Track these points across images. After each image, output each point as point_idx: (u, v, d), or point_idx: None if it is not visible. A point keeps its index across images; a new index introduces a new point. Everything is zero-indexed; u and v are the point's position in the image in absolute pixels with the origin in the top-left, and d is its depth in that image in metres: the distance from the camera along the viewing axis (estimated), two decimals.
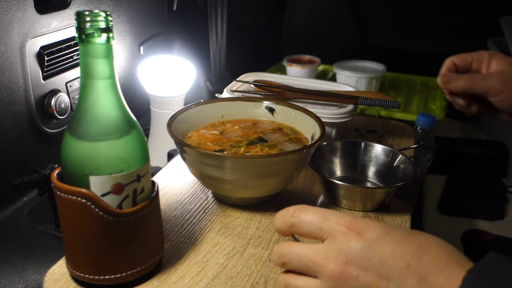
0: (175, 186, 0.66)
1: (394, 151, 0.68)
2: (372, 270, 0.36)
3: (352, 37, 1.70)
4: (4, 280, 0.61)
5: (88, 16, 0.40)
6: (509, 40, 1.18)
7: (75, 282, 0.47)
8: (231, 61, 1.29)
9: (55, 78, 0.78)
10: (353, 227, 0.38)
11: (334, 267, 0.37)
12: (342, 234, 0.38)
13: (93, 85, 0.42)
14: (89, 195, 0.42)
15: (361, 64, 1.32)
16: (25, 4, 0.69)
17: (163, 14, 1.09)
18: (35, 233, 0.68)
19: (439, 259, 0.35)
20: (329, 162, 0.70)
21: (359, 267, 0.36)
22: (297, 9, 1.73)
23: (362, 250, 0.37)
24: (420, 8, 1.60)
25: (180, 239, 0.55)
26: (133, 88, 0.99)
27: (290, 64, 1.34)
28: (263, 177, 0.56)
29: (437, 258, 0.35)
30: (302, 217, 0.40)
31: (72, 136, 0.42)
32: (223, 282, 0.48)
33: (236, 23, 1.34)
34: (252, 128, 0.68)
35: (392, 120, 0.95)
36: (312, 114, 0.65)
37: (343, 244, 0.37)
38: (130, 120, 0.44)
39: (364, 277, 0.36)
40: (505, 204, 1.19)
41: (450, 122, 1.60)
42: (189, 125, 0.66)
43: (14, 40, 0.68)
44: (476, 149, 1.39)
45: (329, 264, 0.37)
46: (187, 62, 0.90)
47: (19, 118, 0.71)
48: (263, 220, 0.59)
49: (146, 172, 0.45)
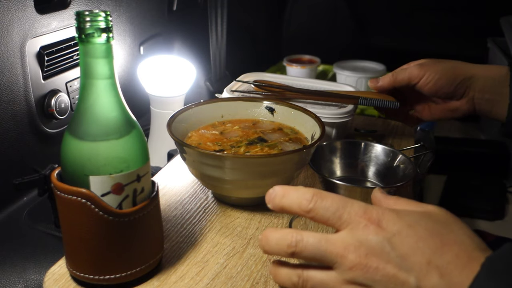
0: (175, 186, 0.66)
1: (394, 151, 0.68)
2: (392, 263, 0.35)
3: (352, 37, 1.69)
4: (4, 280, 0.61)
5: (88, 16, 0.40)
6: (509, 40, 1.18)
7: (75, 282, 0.47)
8: (231, 61, 1.29)
9: (55, 78, 0.78)
10: (374, 219, 0.37)
11: (355, 258, 0.36)
12: (362, 226, 0.36)
13: (93, 85, 0.42)
14: (89, 195, 0.42)
15: (361, 64, 1.32)
16: (25, 4, 0.69)
17: (163, 14, 1.09)
18: (35, 233, 0.68)
19: (461, 255, 0.35)
20: (329, 162, 0.70)
21: (380, 259, 0.35)
22: (297, 9, 1.73)
23: (382, 243, 0.36)
24: (420, 8, 1.60)
25: (180, 239, 0.55)
26: (133, 88, 0.99)
27: (290, 64, 1.34)
28: (263, 177, 0.56)
29: (459, 254, 0.35)
30: (320, 203, 0.38)
31: (72, 136, 0.42)
32: (223, 282, 0.48)
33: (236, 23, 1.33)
34: (252, 128, 0.68)
35: (392, 120, 0.95)
36: (312, 114, 0.65)
37: (363, 236, 0.36)
38: (130, 120, 0.44)
39: (383, 270, 0.35)
40: (505, 204, 1.19)
41: (450, 122, 1.60)
42: (189, 125, 0.66)
43: (14, 40, 0.68)
44: (476, 149, 1.39)
45: (348, 255, 0.36)
46: (187, 62, 0.90)
47: (19, 118, 0.71)
48: (263, 220, 0.59)
49: (146, 172, 0.45)
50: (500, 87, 0.71)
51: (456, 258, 0.35)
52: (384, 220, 0.37)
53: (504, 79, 0.71)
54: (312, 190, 0.39)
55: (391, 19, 1.65)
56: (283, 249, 0.38)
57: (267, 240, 0.39)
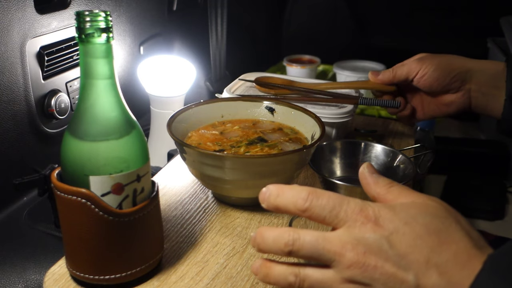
0: (175, 186, 0.66)
1: (394, 151, 0.68)
2: (390, 261, 0.35)
3: (352, 37, 1.69)
4: (4, 280, 0.61)
5: (88, 16, 0.40)
6: (509, 40, 1.18)
7: (75, 282, 0.47)
8: (231, 61, 1.29)
9: (55, 78, 0.78)
10: (370, 216, 0.36)
11: (352, 256, 0.35)
12: (359, 224, 0.36)
13: (93, 85, 0.42)
14: (89, 195, 0.42)
15: (361, 64, 1.32)
16: (25, 4, 0.69)
17: (163, 14, 1.09)
18: (35, 233, 0.68)
19: (459, 254, 0.35)
20: (329, 162, 0.70)
21: (378, 257, 0.35)
22: (297, 9, 1.73)
23: (380, 241, 0.35)
24: (420, 8, 1.60)
25: (180, 239, 0.55)
26: (133, 88, 0.99)
27: (290, 64, 1.34)
28: (263, 177, 0.56)
29: (458, 253, 0.35)
30: (316, 202, 0.37)
31: (72, 136, 0.42)
32: (223, 282, 0.48)
33: (236, 23, 1.33)
34: (252, 128, 0.68)
35: (392, 120, 0.95)
36: (312, 114, 0.65)
37: (360, 234, 0.36)
38: (130, 120, 0.44)
39: (382, 268, 0.35)
40: (505, 204, 1.19)
41: (450, 122, 1.60)
42: (189, 125, 0.66)
43: (14, 40, 0.68)
44: (476, 149, 1.39)
45: (346, 253, 0.35)
46: (187, 62, 0.90)
47: (19, 118, 0.71)
48: (263, 220, 0.59)
49: (146, 172, 0.45)
50: (496, 82, 0.71)
51: (455, 256, 0.35)
52: (380, 218, 0.36)
53: (501, 74, 0.71)
54: (307, 188, 0.38)
55: (391, 19, 1.65)
56: (280, 247, 0.37)
57: (262, 239, 0.38)
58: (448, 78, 0.72)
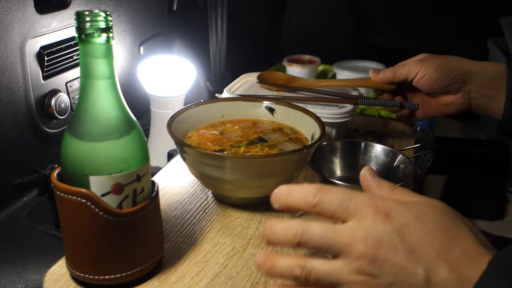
0: (175, 186, 0.66)
1: (394, 151, 0.68)
2: (400, 254, 0.35)
3: (352, 37, 1.69)
4: (4, 280, 0.61)
5: (88, 16, 0.40)
6: (509, 40, 1.18)
7: (75, 282, 0.47)
8: (231, 61, 1.29)
9: (55, 78, 0.78)
10: (381, 209, 0.36)
11: (362, 247, 0.35)
12: (369, 215, 0.36)
13: (93, 85, 0.42)
14: (89, 195, 0.42)
15: (361, 64, 1.32)
16: (25, 4, 0.69)
17: (163, 14, 1.09)
18: (35, 233, 0.68)
19: (469, 251, 0.35)
20: (329, 162, 0.70)
21: (388, 250, 0.35)
22: (297, 9, 1.73)
23: (390, 234, 0.35)
24: (420, 8, 1.60)
25: (180, 239, 0.55)
26: (133, 88, 0.99)
27: (290, 64, 1.34)
28: (263, 177, 0.56)
29: (468, 250, 0.35)
30: (325, 197, 0.37)
31: (72, 136, 0.42)
32: (223, 282, 0.48)
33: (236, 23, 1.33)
34: (252, 128, 0.68)
35: (392, 120, 0.95)
36: (312, 114, 0.65)
37: (370, 225, 0.35)
38: (130, 120, 0.44)
39: (392, 260, 0.35)
40: (505, 204, 1.19)
41: (450, 122, 1.59)
42: (189, 125, 0.66)
43: (14, 40, 0.68)
44: (476, 149, 1.39)
45: (356, 244, 0.35)
46: (187, 62, 0.90)
47: (19, 118, 0.71)
48: (263, 220, 0.59)
49: (146, 172, 0.45)
50: (497, 83, 0.71)
51: (465, 253, 0.35)
52: (392, 211, 0.36)
53: (501, 75, 0.71)
54: (317, 185, 0.38)
55: (391, 19, 1.65)
56: (290, 239, 0.37)
57: (272, 231, 0.38)
58: (448, 79, 0.72)
